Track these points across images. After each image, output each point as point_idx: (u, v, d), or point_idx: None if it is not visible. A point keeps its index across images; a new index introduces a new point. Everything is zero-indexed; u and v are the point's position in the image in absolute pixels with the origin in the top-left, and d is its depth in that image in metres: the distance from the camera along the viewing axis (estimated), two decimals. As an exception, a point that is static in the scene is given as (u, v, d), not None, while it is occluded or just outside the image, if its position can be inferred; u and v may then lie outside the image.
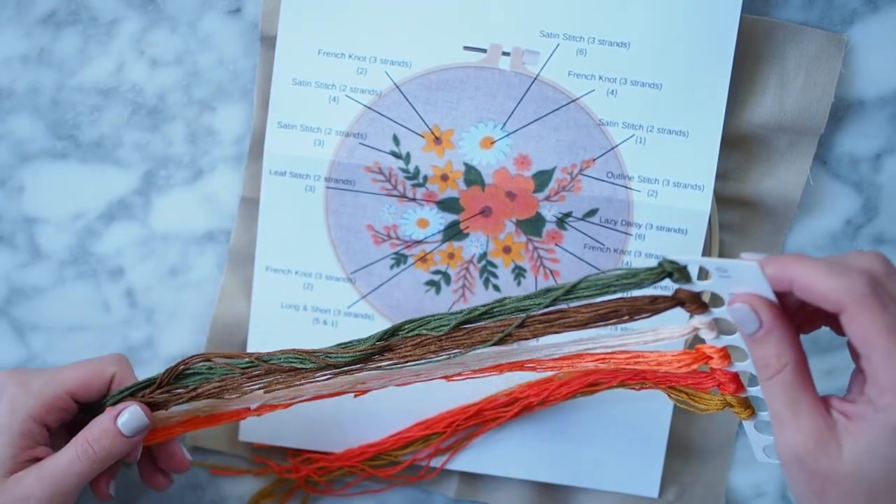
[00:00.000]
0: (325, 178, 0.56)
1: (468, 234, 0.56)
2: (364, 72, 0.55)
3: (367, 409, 0.57)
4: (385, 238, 0.56)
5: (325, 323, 0.57)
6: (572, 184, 0.55)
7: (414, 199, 0.56)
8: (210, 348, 0.58)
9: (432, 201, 0.56)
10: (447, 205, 0.56)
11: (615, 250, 0.56)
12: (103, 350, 0.58)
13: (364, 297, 0.57)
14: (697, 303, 0.45)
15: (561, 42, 0.55)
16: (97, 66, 0.57)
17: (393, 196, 0.56)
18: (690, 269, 0.43)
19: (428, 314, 0.47)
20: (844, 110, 0.56)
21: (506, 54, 0.55)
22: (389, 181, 0.56)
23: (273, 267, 0.57)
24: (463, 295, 0.56)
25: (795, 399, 0.40)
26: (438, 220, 0.56)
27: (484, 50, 0.55)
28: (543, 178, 0.55)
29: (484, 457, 0.58)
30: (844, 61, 0.55)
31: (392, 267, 0.57)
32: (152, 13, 0.57)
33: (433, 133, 0.55)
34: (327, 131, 0.56)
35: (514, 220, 0.56)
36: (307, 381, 0.49)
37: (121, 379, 0.51)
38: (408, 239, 0.56)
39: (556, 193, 0.55)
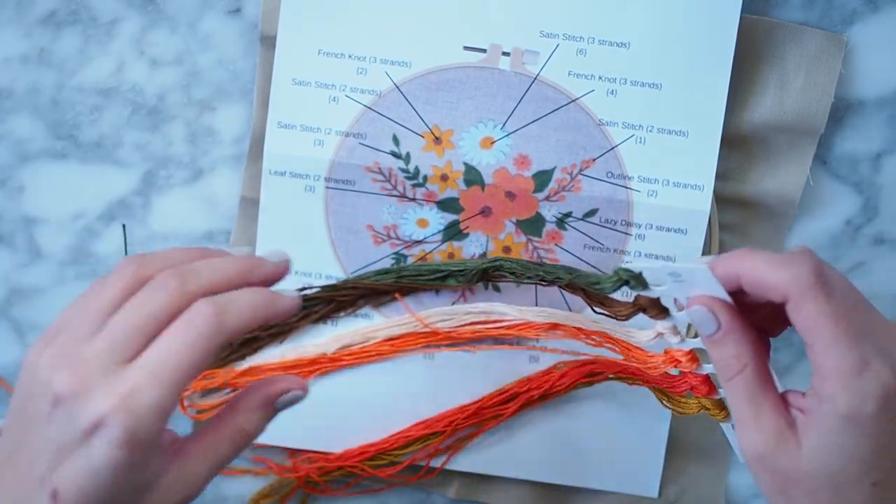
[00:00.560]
0: (325, 178, 0.56)
1: (468, 235, 0.56)
2: (364, 72, 0.55)
3: (367, 410, 0.57)
4: (385, 238, 0.56)
5: (325, 322, 0.57)
6: (572, 184, 0.55)
7: (414, 199, 0.56)
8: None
9: (432, 201, 0.56)
10: (447, 205, 0.56)
11: (615, 250, 0.56)
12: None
13: (364, 297, 0.57)
14: (657, 308, 0.46)
15: (561, 42, 0.55)
16: (97, 66, 0.57)
17: (393, 196, 0.56)
18: (647, 276, 0.44)
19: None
20: (844, 110, 0.56)
21: (506, 54, 0.55)
22: (389, 181, 0.56)
23: (273, 267, 0.57)
24: (463, 295, 0.56)
25: (755, 399, 0.40)
26: (438, 220, 0.56)
27: (484, 50, 0.55)
28: (543, 178, 0.55)
29: (484, 457, 0.58)
30: (844, 61, 0.55)
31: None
32: (152, 13, 0.57)
33: (433, 133, 0.55)
34: (327, 131, 0.56)
35: (514, 221, 0.56)
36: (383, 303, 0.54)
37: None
38: (408, 239, 0.56)
39: (556, 193, 0.55)
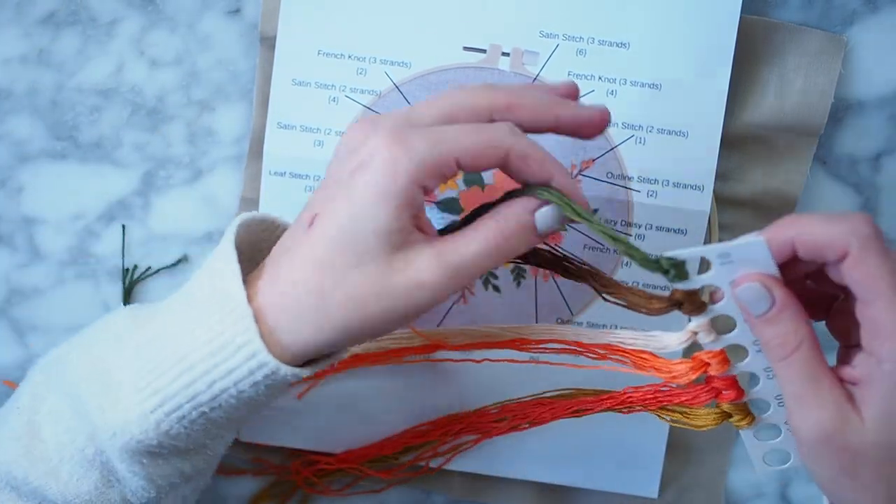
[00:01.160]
0: (325, 179, 0.56)
1: (468, 235, 0.56)
2: (364, 72, 0.55)
3: (367, 411, 0.57)
4: (385, 238, 0.56)
5: None
6: (572, 184, 0.55)
7: (414, 200, 0.56)
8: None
9: (432, 201, 0.56)
10: (447, 205, 0.56)
11: (614, 251, 0.56)
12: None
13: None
14: (695, 303, 0.43)
15: (560, 42, 0.55)
16: (97, 67, 0.57)
17: (393, 196, 0.56)
18: (689, 266, 0.41)
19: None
20: (844, 111, 0.56)
21: (505, 55, 0.55)
22: (389, 181, 0.56)
23: (273, 267, 0.57)
24: (462, 296, 0.56)
25: (815, 375, 0.39)
26: (438, 220, 0.56)
27: (484, 50, 0.55)
28: (543, 179, 0.55)
29: (484, 457, 0.58)
30: (844, 62, 0.55)
31: (392, 267, 0.57)
32: (152, 13, 0.57)
33: (433, 133, 0.55)
34: (327, 132, 0.56)
35: (514, 221, 0.56)
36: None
37: (520, 153, 0.42)
38: (407, 239, 0.56)
39: (556, 194, 0.55)
